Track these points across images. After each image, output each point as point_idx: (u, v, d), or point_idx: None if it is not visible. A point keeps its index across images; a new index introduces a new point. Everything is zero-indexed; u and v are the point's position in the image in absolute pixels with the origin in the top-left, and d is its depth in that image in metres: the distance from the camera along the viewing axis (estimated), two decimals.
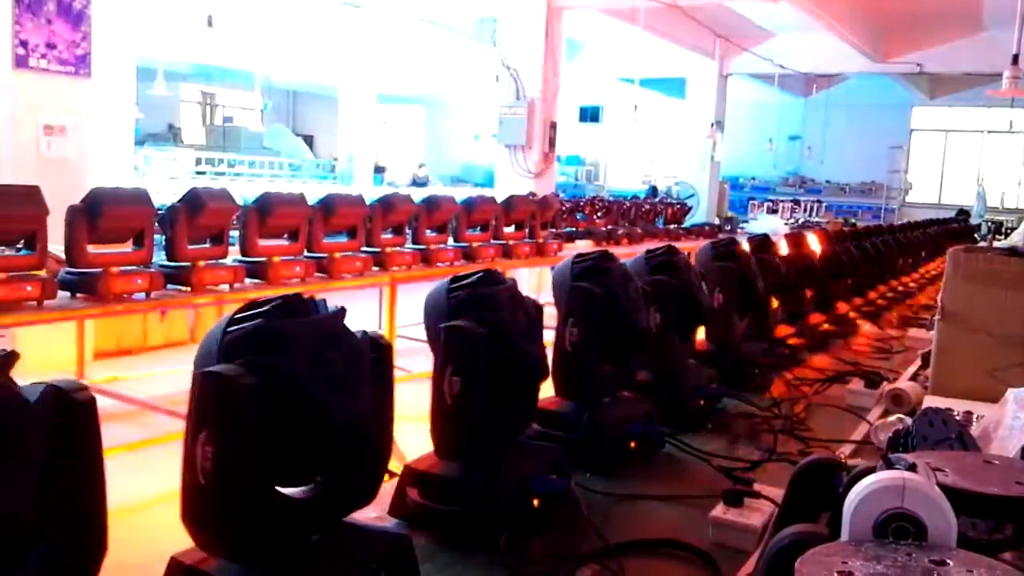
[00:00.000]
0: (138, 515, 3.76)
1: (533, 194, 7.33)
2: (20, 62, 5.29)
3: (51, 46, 5.42)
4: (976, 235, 13.26)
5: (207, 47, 14.16)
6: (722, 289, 2.74)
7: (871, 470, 1.00)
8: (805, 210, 17.32)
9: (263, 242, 4.35)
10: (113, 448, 4.30)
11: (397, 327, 5.59)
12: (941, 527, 0.90)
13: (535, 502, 1.61)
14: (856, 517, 0.92)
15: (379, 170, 20.57)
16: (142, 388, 5.39)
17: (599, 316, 1.99)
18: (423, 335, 1.71)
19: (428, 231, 5.33)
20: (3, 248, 3.40)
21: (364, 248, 4.92)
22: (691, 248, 7.54)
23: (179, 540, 1.38)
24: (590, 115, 22.94)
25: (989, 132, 20.20)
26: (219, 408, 1.21)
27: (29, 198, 3.37)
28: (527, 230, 6.29)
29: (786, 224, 13.48)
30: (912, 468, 0.99)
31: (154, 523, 3.82)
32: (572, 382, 2.02)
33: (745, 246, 3.12)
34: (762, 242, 3.44)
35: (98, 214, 3.59)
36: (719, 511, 1.65)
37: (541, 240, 6.37)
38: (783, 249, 3.68)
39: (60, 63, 5.48)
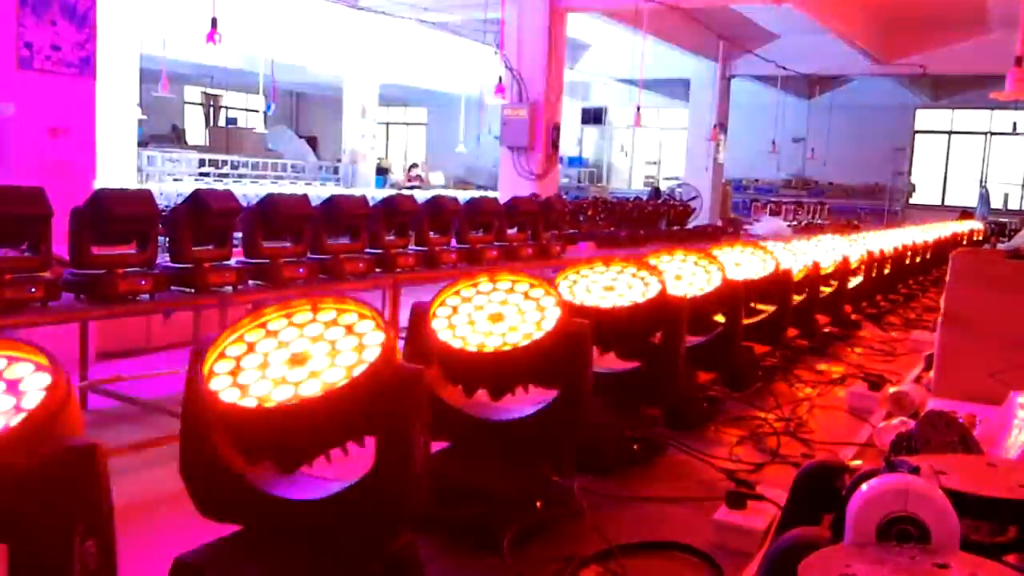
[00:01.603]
0: (142, 516, 3.76)
1: (536, 196, 7.33)
2: (24, 63, 5.31)
3: (55, 47, 5.43)
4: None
5: (210, 49, 14.17)
6: None
7: (874, 473, 1.00)
8: (808, 212, 17.29)
9: (267, 244, 4.35)
10: (116, 449, 4.30)
11: (400, 329, 5.60)
12: (944, 530, 0.90)
13: (539, 504, 1.61)
14: (859, 520, 0.92)
15: (382, 171, 20.60)
16: (146, 388, 5.40)
17: None
18: None
19: (431, 233, 5.34)
20: (7, 249, 3.41)
21: (367, 249, 4.92)
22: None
23: (183, 541, 1.39)
24: (593, 117, 22.95)
25: (992, 134, 20.18)
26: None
27: (33, 199, 3.38)
28: (530, 232, 6.29)
29: (789, 226, 13.45)
30: (915, 471, 0.99)
31: (159, 525, 3.83)
32: None
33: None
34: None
35: (102, 216, 3.60)
36: (722, 513, 1.65)
37: (544, 242, 6.37)
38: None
39: (64, 64, 5.49)
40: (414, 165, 21.54)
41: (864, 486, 0.93)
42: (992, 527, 1.07)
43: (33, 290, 3.38)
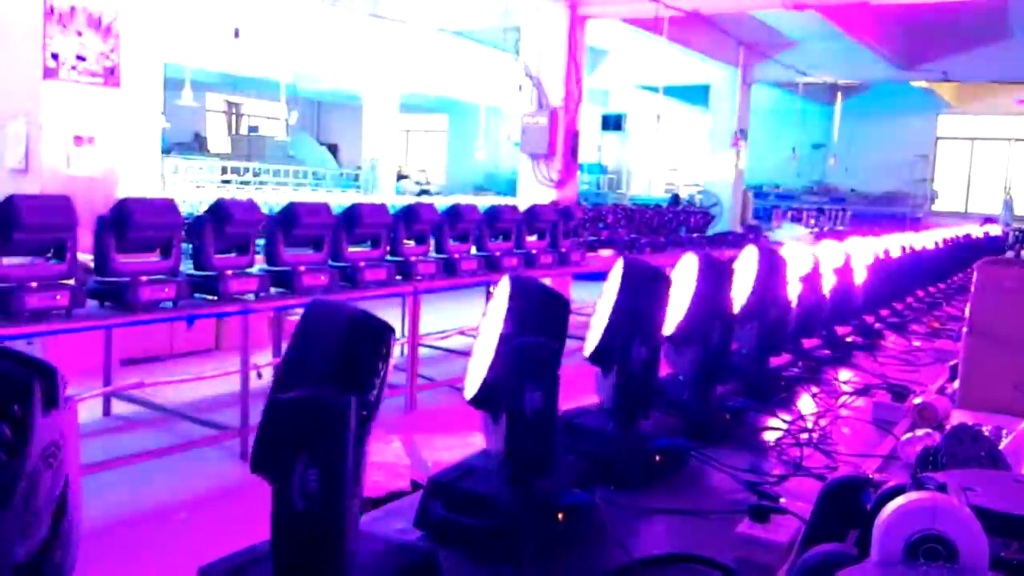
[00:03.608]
0: (164, 523, 3.79)
1: (555, 203, 7.34)
2: (50, 73, 5.38)
3: (81, 58, 5.50)
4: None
5: (233, 57, 14.31)
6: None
7: (900, 489, 0.99)
8: (829, 219, 17.17)
9: (288, 251, 4.39)
10: (139, 455, 4.34)
11: (421, 336, 5.61)
12: (973, 548, 0.89)
13: (560, 516, 1.61)
14: (886, 538, 0.91)
15: (402, 179, 20.68)
16: (168, 395, 5.44)
17: None
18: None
19: (451, 240, 5.36)
20: (33, 257, 3.46)
21: (388, 257, 4.95)
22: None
23: (205, 548, 1.39)
24: (613, 123, 22.93)
25: (1016, 140, 19.98)
26: None
27: (59, 208, 3.43)
28: (549, 239, 6.29)
29: (810, 233, 13.38)
30: (942, 488, 0.98)
31: (182, 531, 3.86)
32: None
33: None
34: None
35: (126, 224, 3.64)
36: (745, 526, 1.64)
37: (564, 249, 6.38)
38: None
39: (90, 74, 5.56)
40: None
41: (891, 504, 0.92)
42: (1021, 545, 1.06)
43: (58, 298, 3.42)
